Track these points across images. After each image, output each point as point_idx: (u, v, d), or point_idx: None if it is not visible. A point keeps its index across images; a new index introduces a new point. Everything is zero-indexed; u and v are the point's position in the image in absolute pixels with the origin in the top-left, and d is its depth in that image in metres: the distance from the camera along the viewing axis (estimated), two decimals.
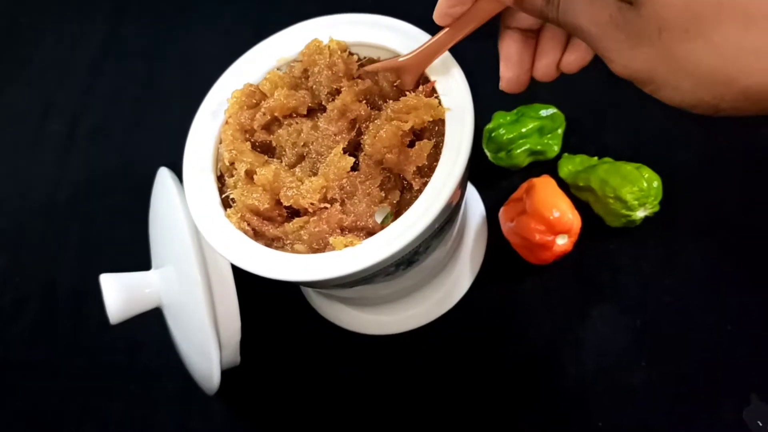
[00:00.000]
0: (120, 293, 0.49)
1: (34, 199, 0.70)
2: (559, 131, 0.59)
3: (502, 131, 0.57)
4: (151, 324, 0.57)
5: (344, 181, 0.44)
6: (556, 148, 0.59)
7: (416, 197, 0.43)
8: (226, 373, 0.51)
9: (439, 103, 0.45)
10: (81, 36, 0.80)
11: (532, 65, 0.42)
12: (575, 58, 0.41)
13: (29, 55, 0.80)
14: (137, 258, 0.56)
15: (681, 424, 0.48)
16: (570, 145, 0.59)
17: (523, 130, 0.57)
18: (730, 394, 0.48)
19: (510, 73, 0.42)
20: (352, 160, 0.44)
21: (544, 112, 0.59)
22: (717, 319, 0.51)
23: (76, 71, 0.77)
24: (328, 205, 0.43)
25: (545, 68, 0.41)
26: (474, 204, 0.58)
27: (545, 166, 0.59)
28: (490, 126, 0.59)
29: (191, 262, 0.47)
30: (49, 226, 0.68)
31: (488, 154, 0.59)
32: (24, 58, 0.80)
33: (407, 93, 0.46)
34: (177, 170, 0.50)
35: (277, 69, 0.50)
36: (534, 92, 0.63)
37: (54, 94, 0.76)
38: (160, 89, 0.74)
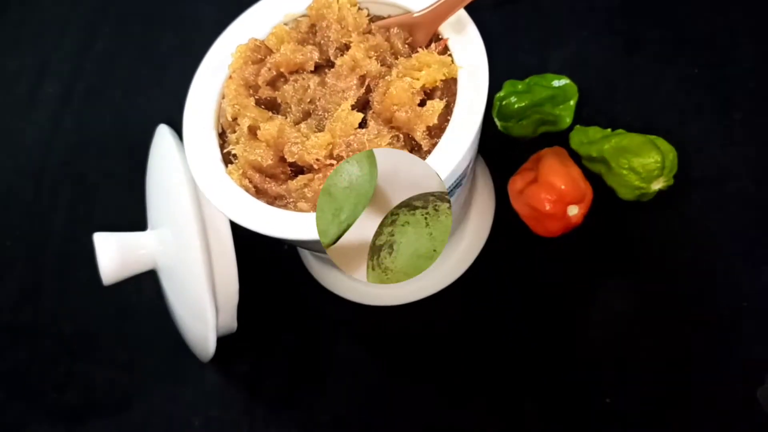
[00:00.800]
0: (114, 253, 0.47)
1: (25, 161, 0.68)
2: (572, 103, 0.57)
3: (513, 99, 0.56)
4: (144, 288, 0.56)
5: (351, 138, 0.42)
6: (568, 120, 0.57)
7: (425, 158, 0.41)
8: (221, 341, 0.49)
9: (452, 61, 0.44)
10: None
11: None
12: None
13: (24, 16, 0.78)
14: (132, 222, 0.54)
15: (692, 402, 0.47)
16: (582, 118, 0.58)
17: (535, 99, 0.55)
18: (743, 373, 0.47)
19: None
20: (360, 115, 0.42)
21: (556, 83, 0.57)
22: (731, 296, 0.49)
23: (72, 32, 0.75)
24: (335, 162, 0.42)
25: None
26: (482, 173, 0.57)
27: (556, 137, 0.57)
28: (500, 94, 0.57)
29: (189, 221, 0.45)
30: (40, 187, 0.66)
31: (498, 123, 0.57)
32: (19, 20, 0.77)
33: (419, 50, 0.44)
34: (177, 129, 0.49)
35: (284, 24, 0.48)
36: (546, 62, 0.62)
37: (49, 56, 0.74)
38: (160, 51, 0.72)
